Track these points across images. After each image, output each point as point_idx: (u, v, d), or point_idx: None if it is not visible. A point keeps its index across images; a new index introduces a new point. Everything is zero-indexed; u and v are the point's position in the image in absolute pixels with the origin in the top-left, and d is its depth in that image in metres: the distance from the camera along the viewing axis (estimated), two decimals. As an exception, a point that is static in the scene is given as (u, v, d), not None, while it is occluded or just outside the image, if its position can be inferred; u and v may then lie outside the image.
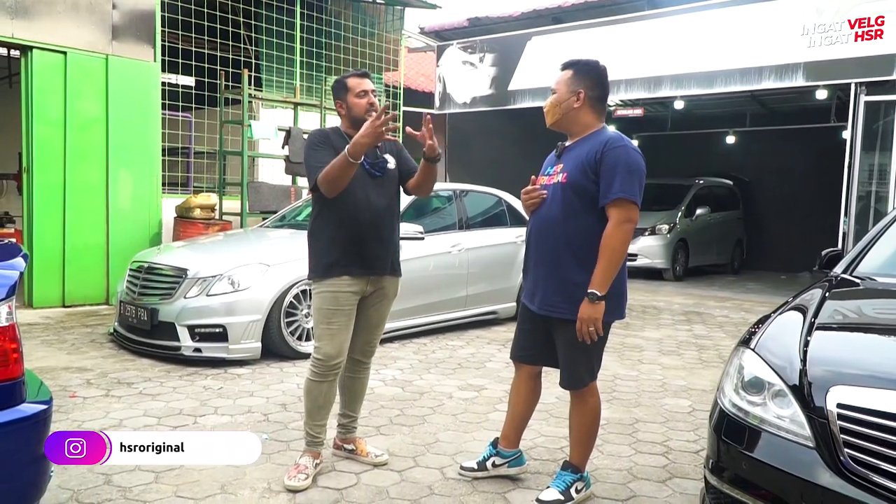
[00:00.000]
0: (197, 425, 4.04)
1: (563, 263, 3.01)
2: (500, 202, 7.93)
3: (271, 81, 10.29)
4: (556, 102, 3.09)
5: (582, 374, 3.08)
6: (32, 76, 7.46)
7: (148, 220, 8.33)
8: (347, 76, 3.42)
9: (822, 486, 2.28)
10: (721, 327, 8.03)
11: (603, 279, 2.88)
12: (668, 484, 3.45)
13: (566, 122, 3.11)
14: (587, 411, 3.16)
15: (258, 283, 5.50)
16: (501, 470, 3.39)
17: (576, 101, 3.05)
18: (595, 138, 3.03)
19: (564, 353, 3.08)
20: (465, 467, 3.44)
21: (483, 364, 5.80)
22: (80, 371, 5.15)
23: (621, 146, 2.94)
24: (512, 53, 11.29)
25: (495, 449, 3.42)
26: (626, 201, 2.88)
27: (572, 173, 3.00)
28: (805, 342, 2.72)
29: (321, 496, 3.15)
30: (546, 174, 3.18)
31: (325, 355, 3.30)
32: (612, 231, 2.89)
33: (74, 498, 3.05)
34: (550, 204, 3.06)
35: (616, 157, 2.90)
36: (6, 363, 2.25)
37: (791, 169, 15.23)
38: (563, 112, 3.08)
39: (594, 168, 2.93)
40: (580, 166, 2.98)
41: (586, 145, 3.03)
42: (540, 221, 3.10)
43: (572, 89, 3.05)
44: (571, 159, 3.05)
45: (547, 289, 3.05)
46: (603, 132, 3.05)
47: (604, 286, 2.88)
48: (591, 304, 2.88)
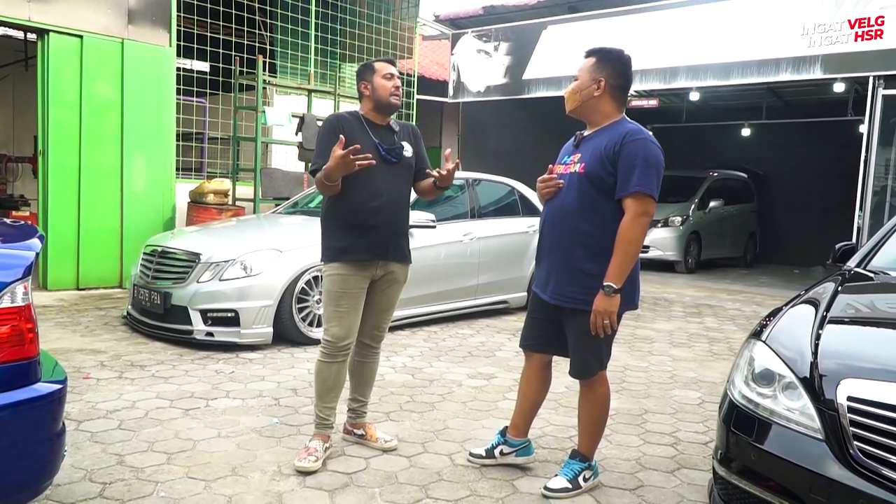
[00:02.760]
0: (209, 408, 4.08)
1: (576, 253, 3.00)
2: (512, 192, 7.91)
3: (285, 68, 10.29)
4: (577, 89, 3.06)
5: (591, 364, 3.08)
6: (49, 60, 7.50)
7: (162, 204, 8.38)
8: (375, 60, 3.46)
9: (832, 478, 2.28)
10: (732, 320, 8.00)
11: (619, 272, 2.87)
12: (676, 474, 3.45)
13: (585, 110, 3.08)
14: (596, 400, 3.16)
15: (270, 268, 5.53)
16: (509, 459, 3.41)
17: (596, 89, 3.02)
18: (614, 129, 3.00)
19: (575, 343, 3.08)
20: (474, 454, 3.46)
21: (493, 353, 5.81)
22: (93, 353, 5.20)
23: (640, 139, 2.92)
24: (527, 42, 11.23)
25: (504, 437, 3.43)
26: (644, 195, 2.87)
27: (590, 164, 2.98)
28: (817, 335, 2.71)
29: (330, 479, 3.18)
30: (563, 163, 3.16)
31: (333, 336, 3.32)
32: (629, 224, 2.88)
33: (88, 477, 3.09)
34: (566, 193, 3.05)
35: (635, 149, 2.89)
36: (22, 342, 2.28)
37: (807, 162, 15.09)
38: (583, 100, 3.05)
39: (612, 160, 2.92)
40: (598, 157, 2.96)
41: (605, 136, 3.00)
42: (555, 210, 3.09)
43: (594, 77, 3.02)
44: (590, 150, 3.02)
45: (560, 278, 3.04)
46: (623, 123, 3.03)
47: (620, 279, 2.87)
48: (607, 297, 2.87)
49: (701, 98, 13.03)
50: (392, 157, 3.37)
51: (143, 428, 3.72)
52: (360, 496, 3.04)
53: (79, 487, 2.98)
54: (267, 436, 3.69)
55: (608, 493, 3.19)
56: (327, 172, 3.12)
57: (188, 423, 3.82)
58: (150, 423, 3.79)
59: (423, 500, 3.03)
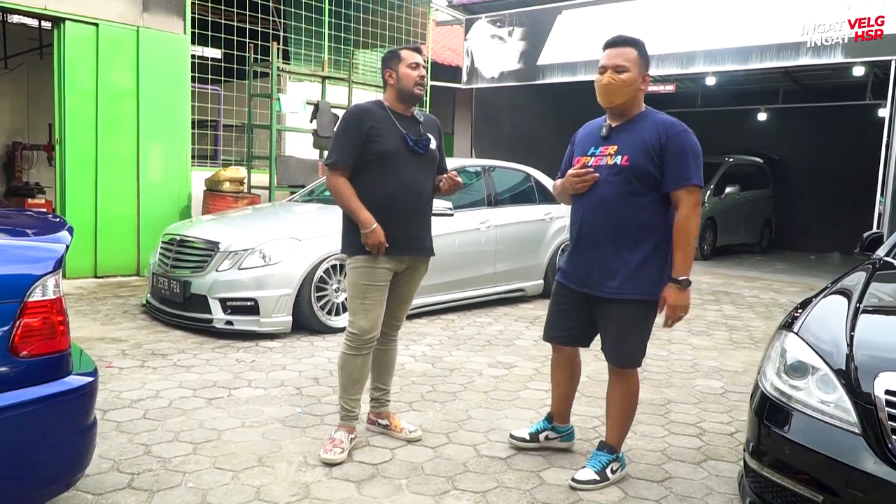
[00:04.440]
0: (232, 398, 4.08)
1: (622, 245, 3.00)
2: (528, 178, 7.86)
3: (299, 54, 10.23)
4: (629, 83, 2.97)
5: (635, 353, 3.11)
6: (65, 48, 7.49)
7: (178, 192, 8.38)
8: (401, 48, 3.42)
9: (869, 472, 2.26)
10: (751, 308, 7.94)
11: (686, 264, 2.93)
12: (704, 466, 3.43)
13: (629, 103, 3.02)
14: (629, 392, 3.18)
15: (289, 257, 5.52)
16: (554, 443, 3.47)
17: (642, 82, 3.02)
18: (650, 120, 3.00)
19: (619, 332, 3.07)
20: (516, 436, 3.50)
21: (512, 341, 5.79)
22: (114, 342, 5.22)
23: (684, 131, 2.95)
24: (542, 27, 11.12)
25: (550, 424, 3.48)
26: (697, 187, 2.93)
27: (636, 156, 2.95)
28: (851, 326, 2.68)
29: (357, 470, 3.18)
30: (591, 154, 3.10)
31: (359, 329, 3.31)
32: (689, 216, 2.91)
33: (115, 468, 3.10)
34: (604, 186, 3.00)
35: (684, 142, 2.92)
36: (53, 335, 2.28)
37: (823, 147, 14.92)
38: (633, 94, 3.00)
39: (658, 152, 2.92)
40: (644, 150, 2.94)
41: (643, 128, 2.99)
42: (595, 203, 3.03)
43: (641, 71, 3.01)
44: (630, 142, 2.98)
45: (606, 271, 3.02)
46: (655, 114, 3.04)
47: (688, 270, 2.92)
48: (680, 291, 2.92)
49: (716, 82, 12.87)
50: (419, 149, 3.33)
51: (167, 417, 3.73)
52: (387, 487, 3.03)
53: (107, 478, 2.99)
54: (291, 426, 3.69)
55: (636, 485, 3.17)
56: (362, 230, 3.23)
57: (212, 413, 3.82)
58: (174, 413, 3.80)
59: (451, 491, 3.02)
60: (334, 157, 3.28)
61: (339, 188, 3.27)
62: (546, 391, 4.49)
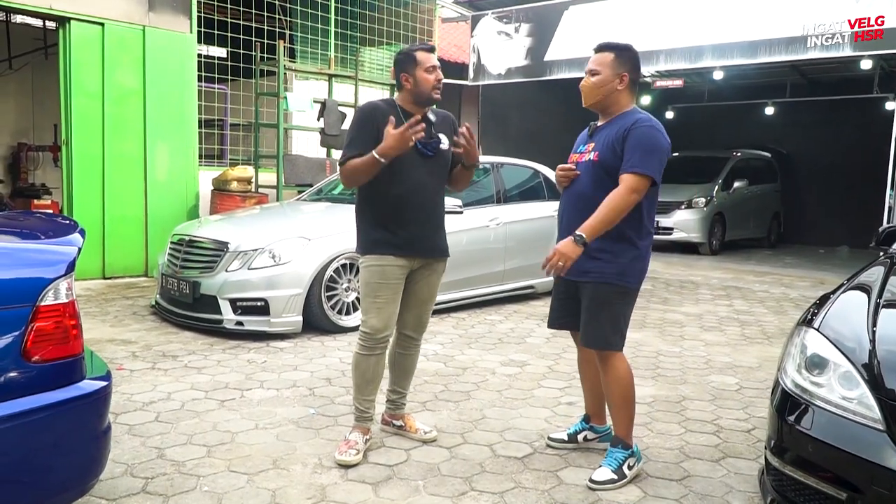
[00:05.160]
0: (244, 399, 4.06)
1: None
2: (536, 175, 7.82)
3: (305, 53, 10.20)
4: (600, 84, 3.18)
5: (608, 335, 3.15)
6: (71, 48, 7.47)
7: (185, 192, 8.36)
8: (415, 49, 3.32)
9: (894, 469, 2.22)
10: (762, 302, 7.88)
11: (595, 229, 3.00)
12: (722, 464, 3.39)
13: (606, 103, 3.21)
14: (619, 377, 3.19)
15: (299, 256, 5.49)
16: (593, 444, 3.48)
17: (619, 83, 3.17)
18: (626, 118, 3.16)
19: (589, 314, 3.17)
20: (555, 438, 3.52)
21: (523, 339, 5.76)
22: (124, 343, 5.20)
23: (647, 126, 3.09)
24: (549, 23, 11.07)
25: (588, 424, 3.50)
26: (642, 176, 3.01)
27: (602, 152, 3.14)
28: (872, 322, 2.63)
29: (372, 472, 3.15)
30: (578, 152, 3.31)
31: (371, 328, 3.28)
32: (622, 193, 3.00)
33: (129, 472, 3.07)
34: (582, 180, 3.21)
35: (641, 135, 3.06)
36: (66, 339, 2.25)
37: (831, 141, 14.83)
38: (606, 94, 3.19)
39: (621, 145, 3.08)
40: (610, 145, 3.12)
41: (617, 125, 3.15)
42: (571, 197, 3.24)
43: (617, 72, 3.16)
44: (602, 138, 3.18)
45: (581, 258, 3.13)
46: (634, 113, 3.18)
47: (593, 235, 3.01)
48: (574, 245, 3.00)
49: (723, 77, 12.80)
50: (428, 151, 3.28)
51: (180, 420, 3.70)
52: (404, 489, 3.00)
53: (121, 483, 2.97)
54: (305, 427, 3.66)
55: (655, 484, 3.13)
56: (384, 151, 3.06)
57: (225, 415, 3.80)
58: (186, 415, 3.77)
59: (468, 492, 2.99)
60: (350, 153, 3.19)
61: (348, 169, 3.19)
62: (560, 389, 4.47)
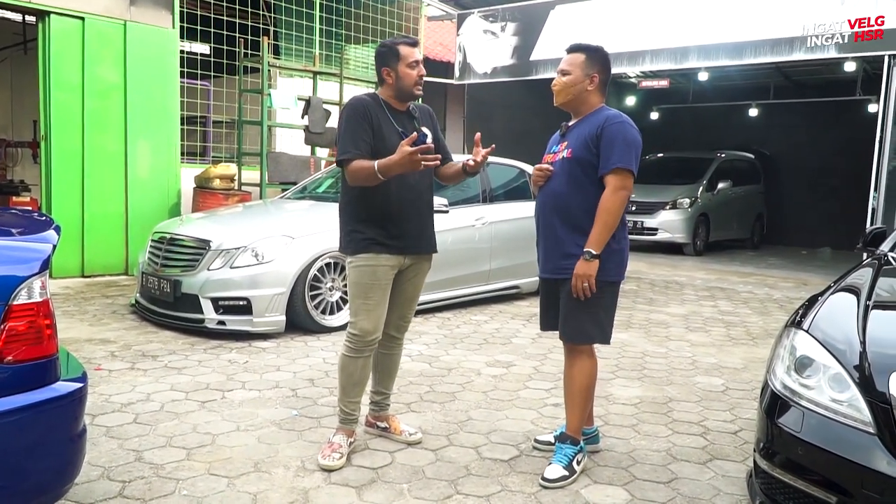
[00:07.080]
0: (225, 400, 3.98)
1: (565, 229, 3.18)
2: (522, 174, 7.78)
3: (290, 49, 10.10)
4: (571, 84, 3.23)
5: (586, 329, 3.17)
6: (50, 42, 7.34)
7: (167, 189, 8.25)
8: (398, 42, 3.26)
9: (885, 473, 2.21)
10: (746, 303, 7.90)
11: (599, 239, 3.06)
12: (710, 466, 3.36)
13: (576, 103, 3.27)
14: (584, 368, 3.21)
15: (282, 255, 5.41)
16: None
17: (589, 83, 3.23)
18: (597, 116, 3.21)
19: (568, 310, 3.18)
20: (541, 441, 3.49)
21: (509, 340, 5.72)
22: (103, 343, 5.10)
23: (620, 122, 3.15)
24: (535, 22, 11.03)
25: None
26: (623, 170, 3.07)
27: (577, 148, 3.18)
28: (862, 323, 2.62)
29: (356, 475, 3.09)
30: (551, 152, 3.34)
31: (361, 331, 3.21)
32: (610, 196, 3.07)
33: (106, 475, 2.99)
34: (556, 179, 3.23)
35: (615, 131, 3.11)
36: (40, 339, 2.18)
37: (814, 143, 14.92)
38: (576, 94, 3.24)
39: (595, 142, 3.13)
40: (584, 142, 3.16)
41: (589, 123, 3.20)
42: (546, 195, 3.27)
43: (587, 73, 3.22)
44: (575, 136, 3.23)
45: (551, 254, 3.23)
46: (604, 111, 3.24)
47: (599, 246, 3.06)
48: (587, 262, 3.05)
49: (708, 78, 12.83)
50: None
51: (159, 422, 3.62)
52: (389, 492, 2.94)
53: (98, 486, 2.89)
54: (287, 429, 3.59)
55: (643, 487, 3.10)
56: (388, 167, 2.97)
57: (205, 416, 3.72)
58: (166, 417, 3.69)
59: (454, 496, 2.94)
60: (350, 151, 3.10)
61: (355, 169, 3.08)
62: (546, 390, 4.43)
